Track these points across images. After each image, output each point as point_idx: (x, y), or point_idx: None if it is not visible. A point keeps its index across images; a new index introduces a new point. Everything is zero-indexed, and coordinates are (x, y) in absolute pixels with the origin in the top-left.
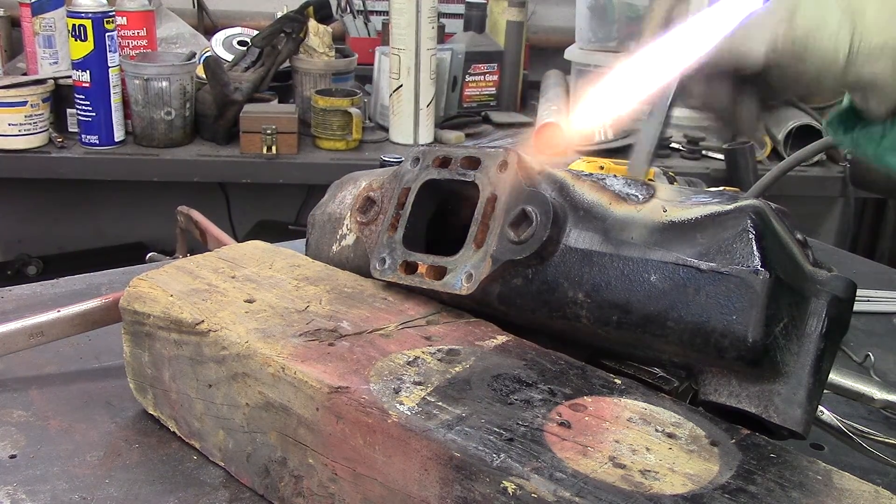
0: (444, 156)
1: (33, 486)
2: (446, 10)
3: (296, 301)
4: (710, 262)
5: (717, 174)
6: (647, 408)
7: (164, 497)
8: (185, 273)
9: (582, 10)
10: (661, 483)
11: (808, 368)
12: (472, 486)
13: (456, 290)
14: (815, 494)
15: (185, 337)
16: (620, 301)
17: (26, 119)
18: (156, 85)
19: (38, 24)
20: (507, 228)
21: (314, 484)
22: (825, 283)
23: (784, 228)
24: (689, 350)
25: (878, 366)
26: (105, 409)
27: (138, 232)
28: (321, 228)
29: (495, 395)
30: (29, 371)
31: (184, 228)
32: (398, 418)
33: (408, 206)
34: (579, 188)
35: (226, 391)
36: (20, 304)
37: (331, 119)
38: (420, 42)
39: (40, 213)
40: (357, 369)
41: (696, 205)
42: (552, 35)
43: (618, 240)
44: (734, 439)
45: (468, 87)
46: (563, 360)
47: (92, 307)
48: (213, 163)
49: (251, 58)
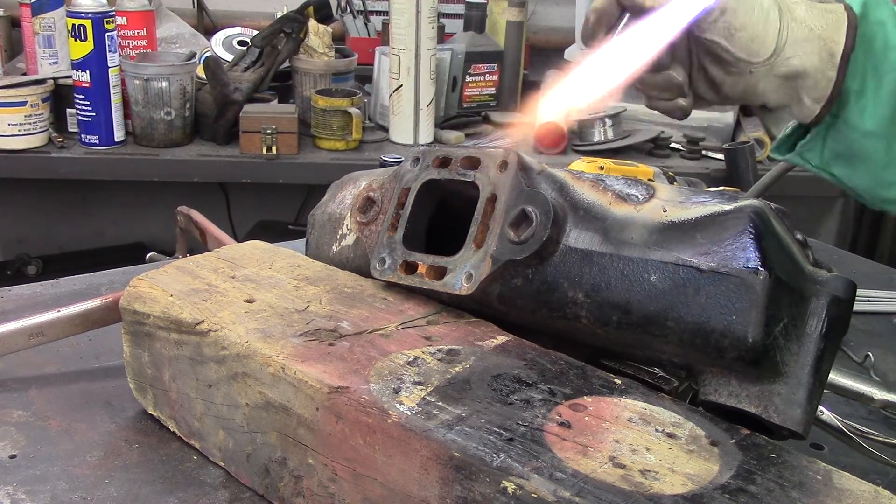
0: (444, 156)
1: (33, 486)
2: (446, 10)
3: (296, 301)
4: (710, 262)
5: (717, 174)
6: (647, 408)
7: (164, 497)
8: (185, 273)
9: (582, 10)
10: (661, 483)
11: (808, 368)
12: (472, 486)
13: (456, 290)
14: (814, 494)
15: (185, 337)
16: (620, 301)
17: (26, 119)
18: (156, 85)
19: (38, 24)
20: (507, 228)
21: (314, 484)
22: (825, 283)
23: (784, 228)
24: (689, 350)
25: (878, 366)
26: (105, 409)
27: (138, 232)
28: (321, 228)
29: (495, 395)
30: (29, 371)
31: (184, 228)
32: (398, 418)
33: (408, 206)
34: (579, 188)
35: (226, 391)
36: (20, 304)
37: (331, 119)
38: (420, 42)
39: (40, 213)
40: (357, 369)
41: (696, 205)
42: (552, 35)
43: (618, 240)
44: (734, 439)
45: (468, 87)
46: (563, 360)
47: (92, 307)
48: (213, 163)
49: (251, 58)
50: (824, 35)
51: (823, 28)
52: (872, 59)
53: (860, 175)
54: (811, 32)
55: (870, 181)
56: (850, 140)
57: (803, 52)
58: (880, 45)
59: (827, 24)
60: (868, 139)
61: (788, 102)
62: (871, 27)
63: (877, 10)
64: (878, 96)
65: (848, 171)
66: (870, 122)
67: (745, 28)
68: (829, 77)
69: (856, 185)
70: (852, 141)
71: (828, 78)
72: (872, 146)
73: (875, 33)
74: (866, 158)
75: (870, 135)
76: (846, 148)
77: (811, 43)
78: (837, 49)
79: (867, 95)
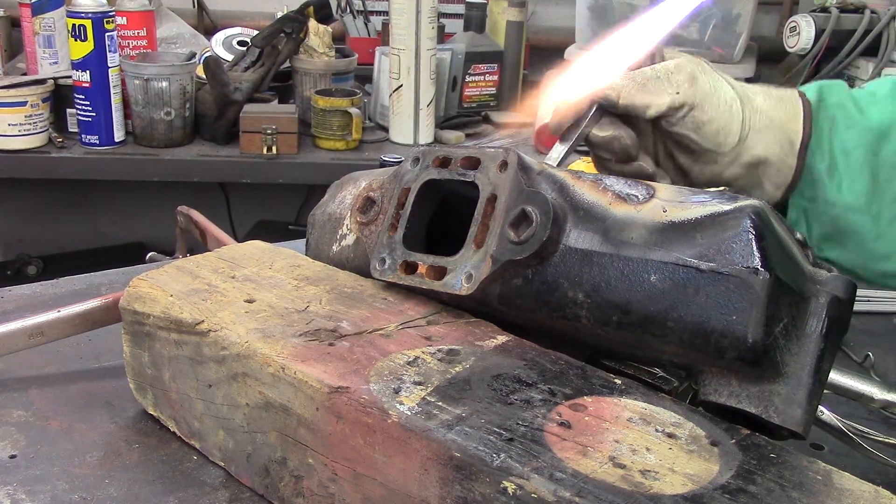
0: (444, 156)
1: (33, 486)
2: (446, 10)
3: (296, 301)
4: (709, 263)
5: None
6: (647, 408)
7: (164, 497)
8: (185, 273)
9: (582, 10)
10: (661, 483)
11: (808, 369)
12: (472, 486)
13: (456, 290)
14: (814, 494)
15: (185, 337)
16: (620, 301)
17: (26, 119)
18: (156, 85)
19: (38, 24)
20: (507, 228)
21: (314, 484)
22: (825, 283)
23: (784, 228)
24: (689, 350)
25: (878, 366)
26: (105, 409)
27: (138, 232)
28: (321, 228)
29: (495, 395)
30: (29, 371)
31: (184, 228)
32: (398, 418)
33: (408, 206)
34: (579, 188)
35: (226, 391)
36: (20, 304)
37: (331, 119)
38: (420, 42)
39: (40, 213)
40: (357, 369)
41: (696, 205)
42: (552, 35)
43: (618, 240)
44: (734, 439)
45: (468, 88)
46: (563, 360)
47: (92, 307)
48: (213, 163)
49: (251, 58)
50: (783, 125)
51: (782, 118)
52: (839, 138)
53: (852, 252)
54: (772, 122)
55: (863, 256)
56: (834, 218)
57: (765, 142)
58: (842, 125)
59: (785, 114)
60: (851, 213)
61: (752, 188)
62: (831, 110)
63: (834, 95)
64: (851, 170)
65: (840, 252)
66: (849, 196)
67: (711, 122)
68: (789, 164)
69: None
70: (836, 218)
71: (788, 165)
72: (857, 220)
73: (836, 115)
74: (854, 233)
75: (851, 209)
76: (833, 227)
77: (772, 132)
78: (796, 138)
79: (839, 170)
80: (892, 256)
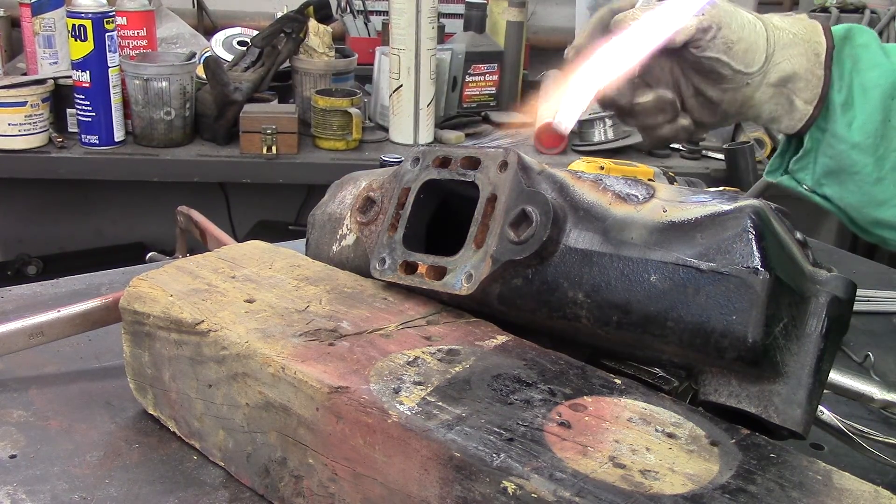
0: (444, 156)
1: (33, 486)
2: (446, 10)
3: (296, 301)
4: (710, 263)
5: (717, 174)
6: (647, 408)
7: (164, 497)
8: (185, 273)
9: (582, 10)
10: (661, 483)
11: (808, 368)
12: (472, 486)
13: (456, 290)
14: (814, 494)
15: (185, 337)
16: (620, 301)
17: (26, 119)
18: (156, 85)
19: (38, 24)
20: (507, 228)
21: (314, 484)
22: (825, 283)
23: (784, 228)
24: (689, 350)
25: (878, 366)
26: (105, 409)
27: (138, 232)
28: (321, 228)
29: (495, 395)
30: (29, 371)
31: (184, 228)
32: (398, 418)
33: (408, 206)
34: (579, 188)
35: (226, 391)
36: (20, 304)
37: (331, 119)
38: (420, 42)
39: (40, 213)
40: (357, 369)
41: (696, 205)
42: (552, 35)
43: (618, 240)
44: (734, 439)
45: (468, 87)
46: (563, 360)
47: (92, 307)
48: (213, 163)
49: (251, 58)
50: (806, 38)
51: (803, 33)
52: (859, 77)
53: (850, 192)
54: (795, 37)
55: (860, 198)
56: (839, 154)
57: (791, 56)
58: (866, 64)
59: (805, 29)
60: (856, 152)
61: (781, 112)
62: (856, 49)
63: (861, 35)
64: (865, 108)
65: (839, 190)
66: (857, 135)
67: (740, 40)
68: (818, 75)
69: (847, 203)
70: (841, 154)
71: (817, 76)
72: (861, 160)
73: (860, 54)
74: (855, 173)
75: (857, 147)
76: (836, 163)
77: (797, 46)
78: (821, 49)
79: (854, 108)
80: (888, 203)
